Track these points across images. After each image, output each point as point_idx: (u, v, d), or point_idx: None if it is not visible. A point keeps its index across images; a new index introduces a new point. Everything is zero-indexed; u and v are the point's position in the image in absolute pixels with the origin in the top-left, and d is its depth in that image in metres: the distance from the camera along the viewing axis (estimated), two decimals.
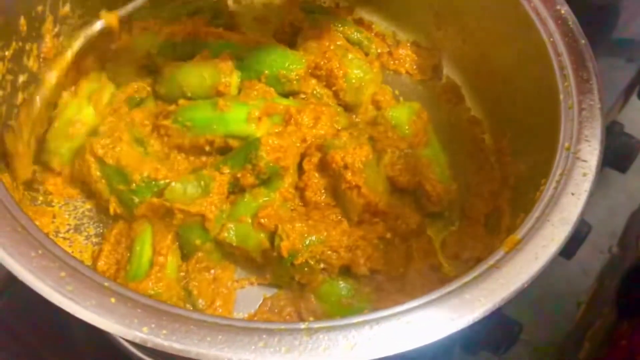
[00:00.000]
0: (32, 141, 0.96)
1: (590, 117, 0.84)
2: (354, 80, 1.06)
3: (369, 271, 0.91)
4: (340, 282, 0.90)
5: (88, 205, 0.98)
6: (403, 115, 1.02)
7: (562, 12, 0.94)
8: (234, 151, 0.95)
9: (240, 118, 0.96)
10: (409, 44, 1.18)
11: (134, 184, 0.91)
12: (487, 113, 1.09)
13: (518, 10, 0.95)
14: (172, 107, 0.99)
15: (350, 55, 1.08)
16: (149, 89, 1.05)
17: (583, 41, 0.91)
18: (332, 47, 1.08)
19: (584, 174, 0.79)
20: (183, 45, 1.07)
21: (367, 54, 1.15)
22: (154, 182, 0.91)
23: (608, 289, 1.24)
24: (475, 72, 1.11)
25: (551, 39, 0.91)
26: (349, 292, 0.90)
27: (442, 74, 1.16)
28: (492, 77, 1.06)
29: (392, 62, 1.17)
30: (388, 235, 0.93)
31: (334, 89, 1.07)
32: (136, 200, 0.91)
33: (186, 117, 0.97)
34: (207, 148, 0.97)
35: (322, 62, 1.06)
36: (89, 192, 0.98)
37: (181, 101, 0.99)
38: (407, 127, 1.01)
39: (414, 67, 1.16)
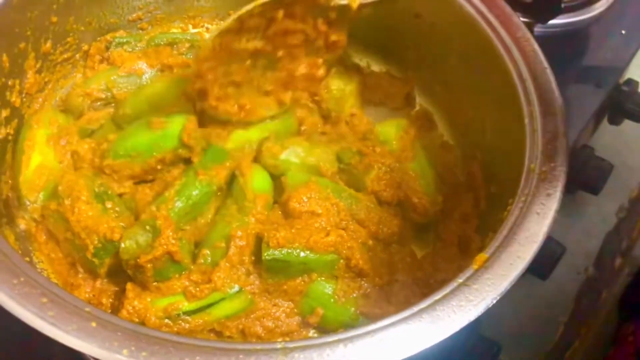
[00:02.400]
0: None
1: (554, 138, 0.87)
2: (335, 91, 1.11)
3: (357, 270, 0.93)
4: (327, 284, 0.93)
5: None
6: (391, 131, 1.06)
7: (526, 39, 0.98)
8: (202, 157, 0.98)
9: (180, 128, 0.98)
10: (382, 74, 1.22)
11: (92, 247, 0.90)
12: (459, 138, 1.13)
13: (483, 39, 1.00)
14: (104, 145, 1.00)
15: (333, 69, 1.12)
16: (102, 121, 1.06)
17: (546, 66, 0.95)
18: None
19: (548, 194, 0.82)
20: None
21: (346, 67, 1.18)
22: (109, 244, 0.91)
23: (586, 309, 1.26)
24: (447, 100, 1.14)
25: (516, 66, 0.95)
26: (336, 293, 0.92)
27: (414, 102, 1.19)
28: (462, 104, 1.10)
29: (366, 92, 1.19)
30: (370, 242, 0.96)
31: (315, 98, 1.12)
32: (97, 262, 0.91)
33: (127, 147, 0.98)
34: (160, 166, 0.99)
35: None
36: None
37: (110, 136, 1.01)
38: (394, 142, 1.05)
39: (387, 96, 1.19)
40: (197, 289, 0.89)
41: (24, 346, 0.98)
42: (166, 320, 0.87)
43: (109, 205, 0.94)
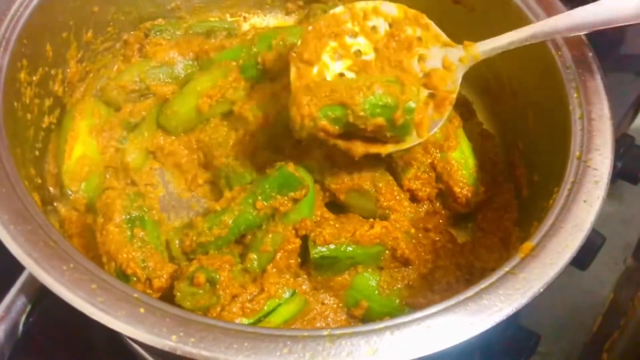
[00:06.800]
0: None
1: (600, 126, 0.86)
2: None
3: (403, 260, 0.94)
4: (371, 276, 0.93)
5: None
6: None
7: None
8: (261, 181, 0.94)
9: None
10: None
11: (111, 271, 0.87)
12: (499, 127, 1.12)
13: (525, 25, 0.97)
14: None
15: None
16: (144, 113, 1.07)
17: (590, 53, 0.94)
18: None
19: (596, 182, 0.81)
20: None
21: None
22: (122, 277, 0.87)
23: (625, 300, 1.24)
24: (486, 87, 1.13)
25: (559, 53, 0.94)
26: (380, 285, 0.93)
27: None
28: (503, 92, 1.09)
29: None
30: (413, 230, 0.96)
31: None
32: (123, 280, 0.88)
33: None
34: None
35: None
36: None
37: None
38: (438, 131, 1.01)
39: None
40: (253, 302, 0.87)
41: (65, 330, 1.00)
42: None
43: (140, 234, 0.90)
